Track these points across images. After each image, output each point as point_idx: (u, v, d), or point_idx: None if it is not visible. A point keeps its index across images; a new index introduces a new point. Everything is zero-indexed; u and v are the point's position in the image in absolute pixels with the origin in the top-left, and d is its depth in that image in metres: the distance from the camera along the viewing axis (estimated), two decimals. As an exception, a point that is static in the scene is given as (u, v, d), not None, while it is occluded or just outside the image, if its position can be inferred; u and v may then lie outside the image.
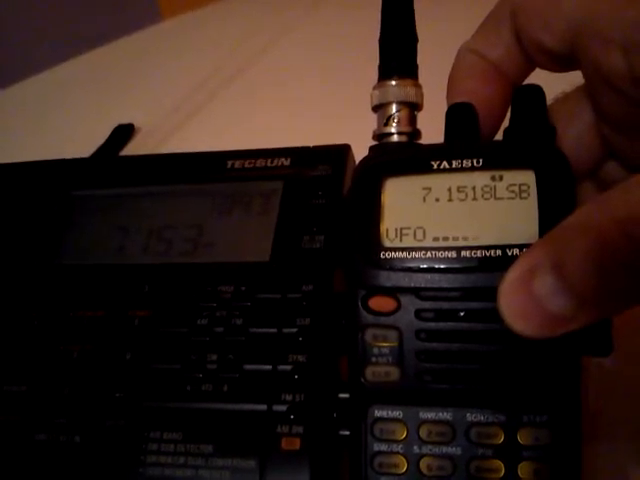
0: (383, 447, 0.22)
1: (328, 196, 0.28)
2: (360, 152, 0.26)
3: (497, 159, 0.22)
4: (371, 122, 0.24)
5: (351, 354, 0.22)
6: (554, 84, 0.23)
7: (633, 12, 0.18)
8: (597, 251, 0.15)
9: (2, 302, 0.29)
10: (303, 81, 0.58)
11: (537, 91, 0.22)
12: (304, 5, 0.77)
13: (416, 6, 0.24)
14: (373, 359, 0.22)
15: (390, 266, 0.22)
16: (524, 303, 0.16)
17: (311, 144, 0.30)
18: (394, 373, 0.22)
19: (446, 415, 0.21)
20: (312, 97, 0.54)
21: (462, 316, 0.21)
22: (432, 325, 0.21)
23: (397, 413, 0.22)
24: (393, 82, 0.23)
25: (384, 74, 0.24)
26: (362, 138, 0.25)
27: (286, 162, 0.30)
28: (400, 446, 0.22)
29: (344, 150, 0.30)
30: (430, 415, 0.22)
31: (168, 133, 0.54)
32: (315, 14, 0.74)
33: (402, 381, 0.22)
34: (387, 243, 0.22)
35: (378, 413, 0.22)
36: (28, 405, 0.26)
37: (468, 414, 0.21)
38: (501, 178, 0.21)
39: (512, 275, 0.17)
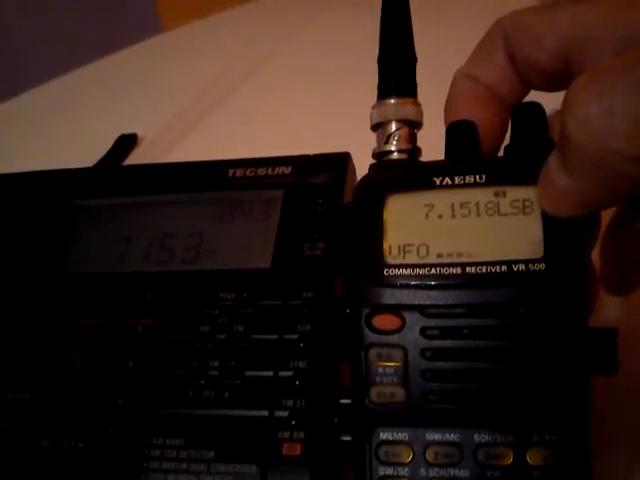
0: (389, 471, 0.21)
1: (328, 204, 0.28)
2: (362, 159, 0.27)
3: (500, 175, 0.22)
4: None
5: (354, 375, 0.22)
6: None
7: (626, 15, 0.19)
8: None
9: (6, 311, 0.29)
10: (305, 89, 0.58)
11: (536, 108, 0.22)
12: (306, 12, 0.77)
13: (415, 25, 0.24)
14: (378, 379, 0.21)
15: (394, 283, 0.21)
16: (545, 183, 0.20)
17: (314, 151, 0.31)
18: (399, 394, 0.21)
19: (453, 436, 0.21)
20: (314, 104, 0.55)
21: (468, 333, 0.21)
22: (438, 343, 0.21)
23: (403, 435, 0.21)
24: (392, 100, 0.23)
25: (383, 93, 0.24)
26: (365, 144, 0.25)
27: (287, 170, 0.30)
28: (406, 469, 0.21)
29: (344, 158, 0.30)
30: (437, 436, 0.21)
31: (171, 142, 0.54)
32: (318, 20, 0.74)
33: (408, 402, 0.21)
34: (390, 260, 0.22)
35: (383, 435, 0.21)
36: (32, 412, 0.26)
37: (476, 435, 0.21)
38: (504, 194, 0.21)
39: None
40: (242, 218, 0.29)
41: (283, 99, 0.57)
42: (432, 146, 0.24)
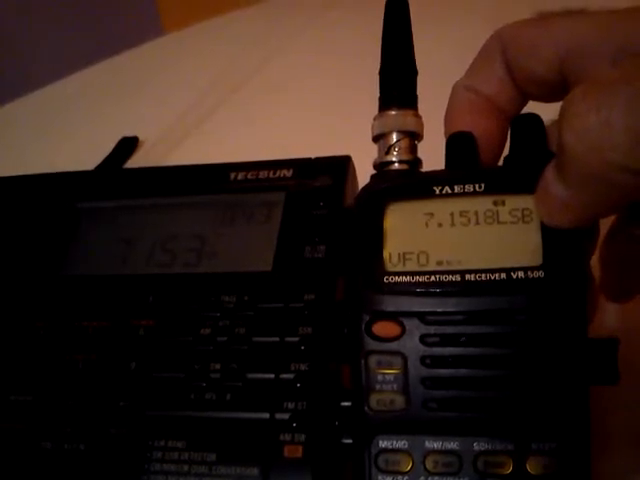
0: (388, 479, 0.21)
1: (329, 207, 0.28)
2: (363, 162, 0.27)
3: (499, 184, 0.22)
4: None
5: (354, 382, 0.22)
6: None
7: (623, 26, 0.19)
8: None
9: (8, 312, 0.29)
10: (306, 92, 0.59)
11: (535, 119, 0.22)
12: (307, 14, 0.77)
13: (415, 38, 0.24)
14: (377, 386, 0.21)
15: (394, 291, 0.21)
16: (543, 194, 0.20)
17: (316, 154, 0.31)
18: (399, 401, 0.21)
19: (453, 444, 0.21)
20: (316, 107, 0.55)
21: (468, 341, 0.21)
22: (438, 350, 0.21)
23: (402, 443, 0.21)
24: (393, 112, 0.24)
25: (384, 104, 0.24)
26: (367, 147, 0.25)
27: (288, 173, 0.30)
28: (405, 478, 0.21)
29: (345, 161, 0.30)
30: (436, 445, 0.21)
31: (172, 145, 0.54)
32: (319, 22, 0.74)
33: (407, 409, 0.21)
34: (390, 268, 0.22)
35: (383, 444, 0.21)
36: (34, 414, 0.26)
37: (475, 443, 0.21)
38: (503, 203, 0.21)
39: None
40: (243, 221, 0.29)
41: (284, 102, 0.57)
42: (432, 158, 0.24)
